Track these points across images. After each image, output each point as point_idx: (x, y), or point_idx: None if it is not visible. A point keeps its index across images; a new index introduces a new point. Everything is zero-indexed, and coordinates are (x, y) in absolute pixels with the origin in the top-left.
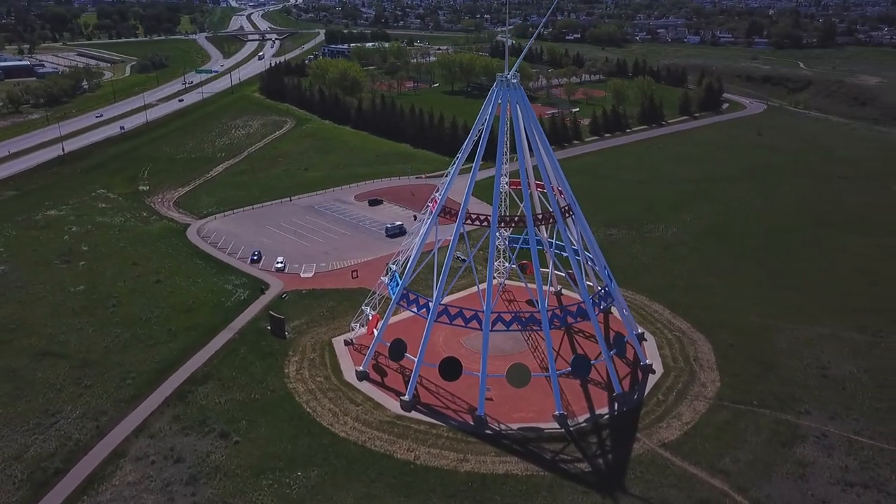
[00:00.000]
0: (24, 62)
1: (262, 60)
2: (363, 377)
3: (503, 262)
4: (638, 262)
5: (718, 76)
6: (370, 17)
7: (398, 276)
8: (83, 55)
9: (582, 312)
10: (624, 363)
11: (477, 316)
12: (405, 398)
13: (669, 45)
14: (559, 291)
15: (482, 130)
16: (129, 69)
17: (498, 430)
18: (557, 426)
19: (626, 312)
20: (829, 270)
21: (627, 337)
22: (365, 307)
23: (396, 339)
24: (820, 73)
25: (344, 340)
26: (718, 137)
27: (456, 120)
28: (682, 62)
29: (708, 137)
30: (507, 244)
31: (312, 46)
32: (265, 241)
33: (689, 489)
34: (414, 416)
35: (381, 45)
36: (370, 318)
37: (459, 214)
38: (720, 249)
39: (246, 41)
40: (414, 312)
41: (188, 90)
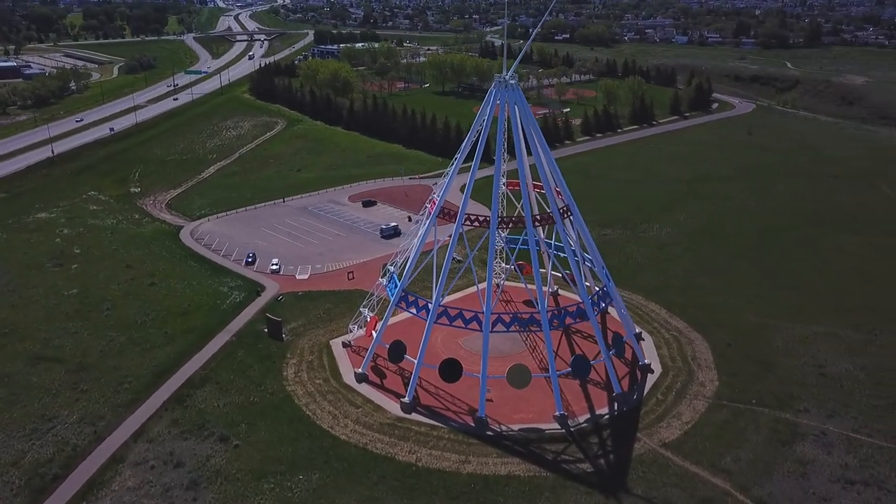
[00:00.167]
0: (10, 63)
1: (252, 60)
2: (362, 379)
3: (500, 262)
4: (633, 261)
5: (708, 76)
6: (359, 17)
7: (396, 277)
8: (70, 56)
9: (581, 313)
10: (622, 363)
11: (477, 317)
12: (405, 400)
13: (658, 45)
14: (555, 292)
15: (480, 131)
16: (116, 70)
17: (499, 431)
18: (558, 427)
19: (623, 312)
20: (823, 269)
21: (626, 337)
22: (363, 309)
23: (396, 340)
24: (807, 72)
25: (342, 342)
26: (709, 137)
27: (448, 120)
28: (670, 62)
29: (699, 137)
30: (504, 245)
31: (301, 47)
32: (259, 242)
33: (691, 488)
34: (414, 417)
35: (370, 45)
36: (368, 319)
37: (459, 215)
38: (714, 249)
39: (234, 42)
40: (413, 314)
41: (177, 91)
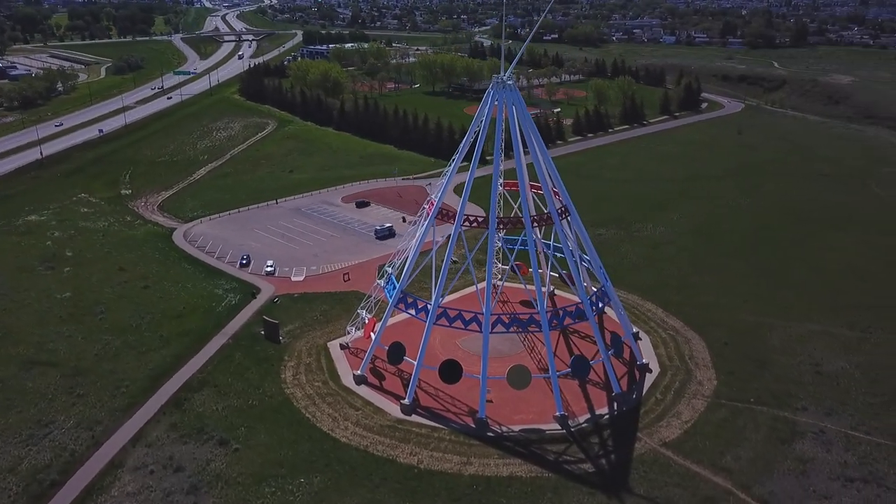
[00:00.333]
0: None
1: (241, 60)
2: (361, 381)
3: (496, 263)
4: (628, 261)
5: (697, 76)
6: (347, 17)
7: (394, 278)
8: (56, 57)
9: (580, 313)
10: (620, 363)
11: (476, 318)
12: (405, 402)
13: (646, 45)
14: (552, 292)
15: (479, 131)
16: (103, 71)
17: (500, 432)
18: (559, 427)
19: (621, 312)
20: (816, 268)
21: (624, 337)
22: (361, 310)
23: (395, 342)
24: (794, 72)
25: (340, 344)
26: (699, 137)
27: (441, 121)
28: (659, 62)
29: (689, 137)
30: (501, 245)
31: (290, 47)
32: (253, 244)
33: (693, 488)
34: (414, 419)
35: (360, 46)
36: (366, 321)
37: (458, 215)
38: (708, 248)
39: (222, 42)
40: (412, 315)
41: (165, 92)
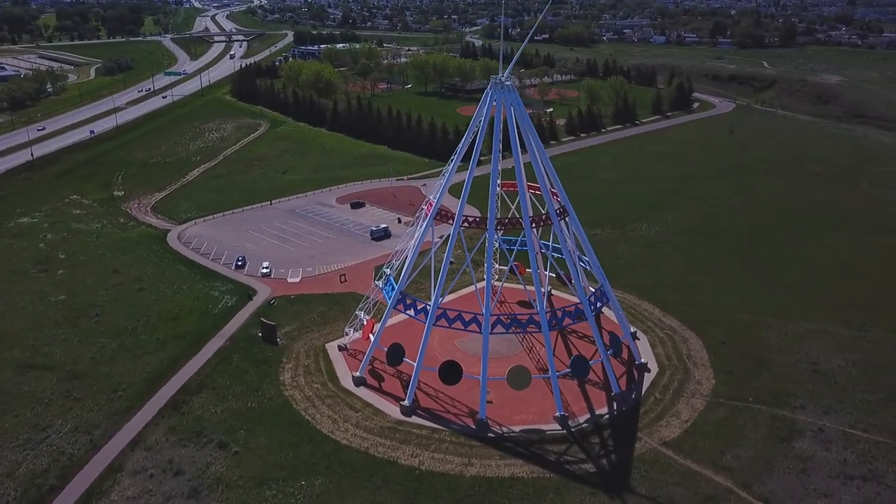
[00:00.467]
0: None
1: (233, 59)
2: (360, 383)
3: (493, 263)
4: (623, 261)
5: (688, 76)
6: (337, 17)
7: (393, 279)
8: (45, 57)
9: (579, 313)
10: (619, 363)
11: (476, 319)
12: (405, 403)
13: (636, 45)
14: (548, 292)
15: (477, 132)
16: (93, 72)
17: (500, 433)
18: (559, 427)
19: (620, 313)
20: (810, 267)
21: (623, 336)
22: (359, 312)
23: (394, 343)
24: (783, 72)
25: (338, 346)
26: (691, 136)
27: (434, 121)
28: (649, 62)
29: (681, 136)
30: (499, 246)
31: (281, 48)
32: (248, 245)
33: (694, 487)
34: (415, 420)
35: (351, 46)
36: (365, 322)
37: (457, 216)
38: (703, 247)
39: (212, 42)
40: (411, 316)
41: (152, 94)
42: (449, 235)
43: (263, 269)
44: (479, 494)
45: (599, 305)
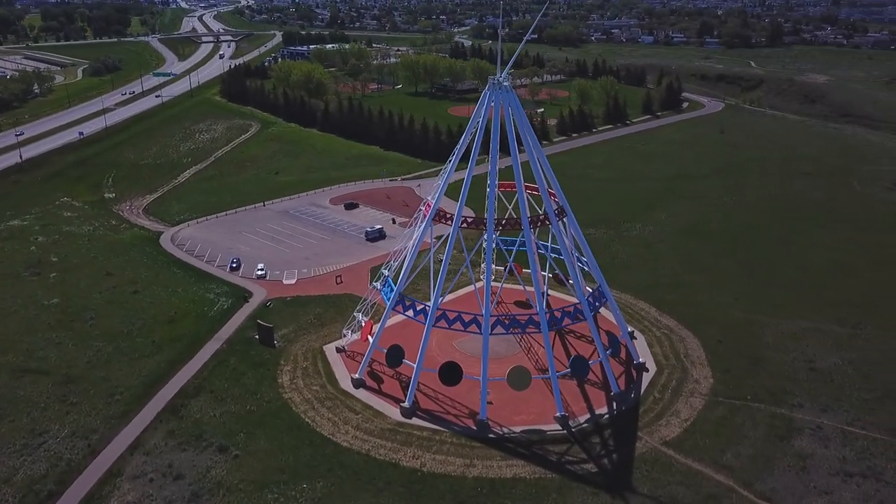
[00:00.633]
0: None
1: (223, 59)
2: (359, 384)
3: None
4: (619, 261)
5: (677, 75)
6: (325, 18)
7: (391, 281)
8: (31, 58)
9: (578, 313)
10: (617, 362)
11: (476, 319)
12: (405, 405)
13: (624, 45)
14: (545, 293)
15: (475, 132)
16: (80, 72)
17: (501, 433)
18: (560, 428)
19: (618, 312)
20: (803, 265)
21: (621, 336)
22: (357, 313)
23: (394, 345)
24: (771, 71)
25: (336, 347)
26: (682, 136)
27: (426, 122)
28: (638, 62)
29: (672, 136)
30: (497, 247)
31: (270, 48)
32: (242, 247)
33: (696, 486)
34: (415, 422)
35: (341, 46)
36: (363, 324)
37: (456, 217)
38: (698, 247)
39: (200, 43)
40: (410, 317)
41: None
42: (446, 236)
43: (258, 270)
44: (482, 496)
45: (598, 305)
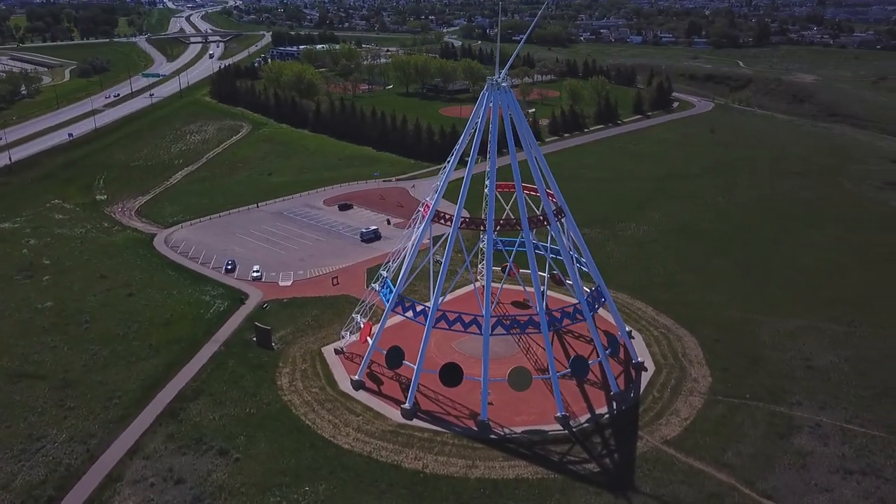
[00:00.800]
0: None
1: (212, 59)
2: (359, 386)
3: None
4: (614, 260)
5: (667, 75)
6: (314, 18)
7: (390, 282)
8: (17, 59)
9: (578, 313)
10: (616, 362)
11: (476, 320)
12: (406, 406)
13: (613, 45)
14: (545, 293)
15: (474, 133)
16: (68, 73)
17: (502, 434)
18: (561, 428)
19: (615, 311)
20: (796, 264)
21: (620, 336)
22: (355, 315)
23: (393, 346)
24: (759, 71)
25: (334, 349)
26: (673, 136)
27: (419, 122)
28: (627, 62)
29: (663, 136)
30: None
31: (259, 49)
32: (237, 249)
33: (698, 484)
34: (416, 423)
35: (331, 47)
36: (361, 325)
37: (455, 217)
38: (692, 246)
39: (188, 44)
40: (410, 318)
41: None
42: (443, 236)
43: (254, 272)
44: (485, 497)
45: (597, 306)
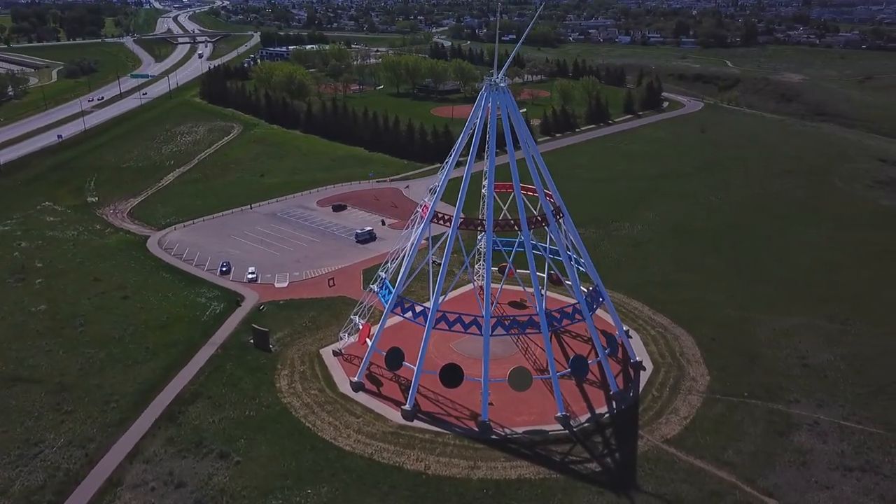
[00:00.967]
0: None
1: (202, 59)
2: (359, 388)
3: (483, 265)
4: (610, 260)
5: (657, 75)
6: (302, 18)
7: (389, 283)
8: (4, 60)
9: (577, 313)
10: (614, 361)
11: (476, 321)
12: (406, 407)
13: (602, 45)
14: (544, 293)
15: (473, 134)
16: (55, 74)
17: (503, 434)
18: (561, 428)
19: (614, 311)
20: (790, 262)
21: (618, 335)
22: (354, 316)
23: (393, 347)
24: (747, 70)
25: (332, 351)
26: (664, 135)
27: (412, 122)
28: (617, 62)
29: (654, 135)
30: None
31: (248, 49)
32: (231, 251)
33: (699, 483)
34: (417, 425)
35: (321, 47)
36: (360, 327)
37: (454, 217)
38: (686, 245)
39: (176, 44)
40: (409, 319)
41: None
42: (444, 236)
43: (249, 274)
44: (488, 497)
45: (596, 306)
